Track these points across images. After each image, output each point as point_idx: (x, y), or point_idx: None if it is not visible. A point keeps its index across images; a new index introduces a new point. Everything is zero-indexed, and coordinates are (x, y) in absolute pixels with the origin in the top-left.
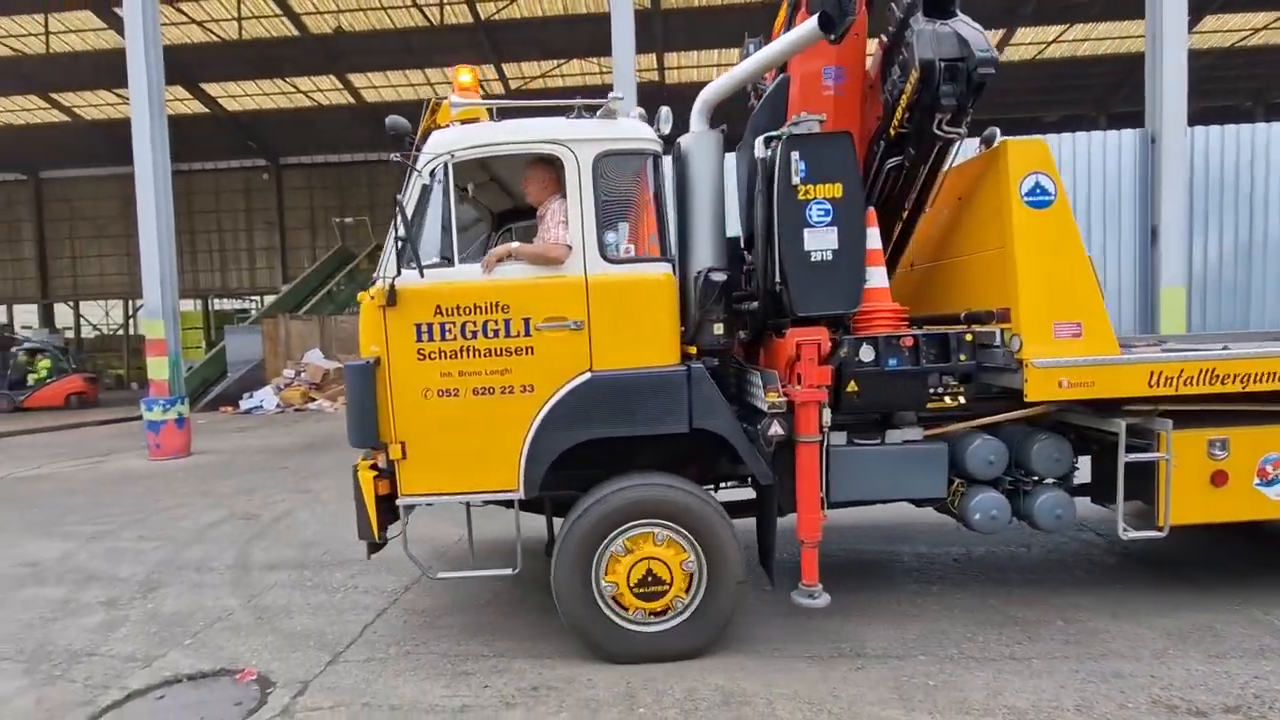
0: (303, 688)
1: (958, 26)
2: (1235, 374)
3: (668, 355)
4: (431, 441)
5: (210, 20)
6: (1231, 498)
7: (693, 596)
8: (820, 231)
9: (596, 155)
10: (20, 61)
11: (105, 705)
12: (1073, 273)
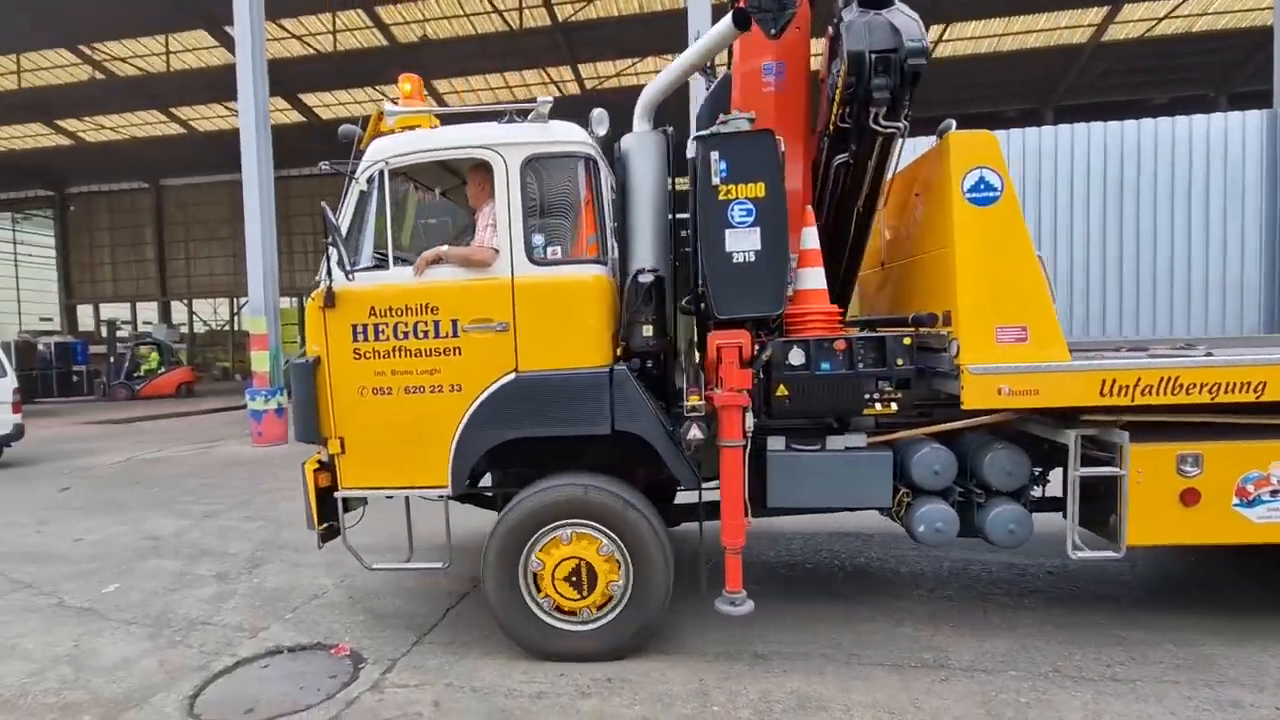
0: (391, 665)
1: (893, 15)
2: (1202, 384)
3: (594, 357)
4: (367, 438)
5: (309, 34)
6: (1205, 518)
7: (621, 595)
8: (742, 232)
9: (525, 159)
10: (144, 80)
11: (217, 670)
12: (1018, 273)
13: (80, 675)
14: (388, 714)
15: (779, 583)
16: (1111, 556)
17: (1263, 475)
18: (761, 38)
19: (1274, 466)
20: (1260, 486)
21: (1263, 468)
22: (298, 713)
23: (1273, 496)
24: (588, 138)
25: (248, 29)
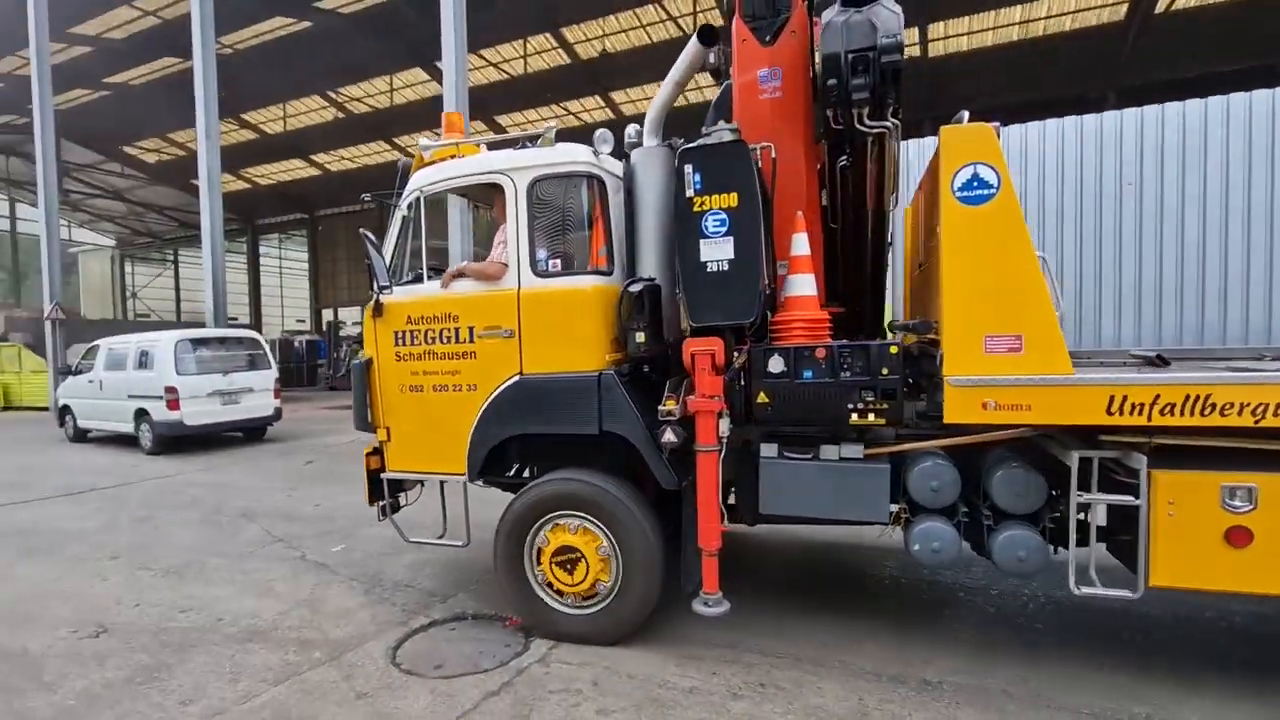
0: (557, 643)
1: (874, 12)
2: (1242, 403)
3: (589, 361)
4: (405, 429)
5: (503, 61)
6: (1262, 564)
7: (612, 583)
8: (716, 242)
9: (531, 180)
10: (373, 116)
11: (414, 628)
12: (1013, 277)
13: (314, 618)
14: (552, 686)
15: (954, 605)
16: (1126, 596)
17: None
18: (756, 46)
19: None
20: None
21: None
22: (477, 674)
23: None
24: (591, 157)
25: (453, 62)
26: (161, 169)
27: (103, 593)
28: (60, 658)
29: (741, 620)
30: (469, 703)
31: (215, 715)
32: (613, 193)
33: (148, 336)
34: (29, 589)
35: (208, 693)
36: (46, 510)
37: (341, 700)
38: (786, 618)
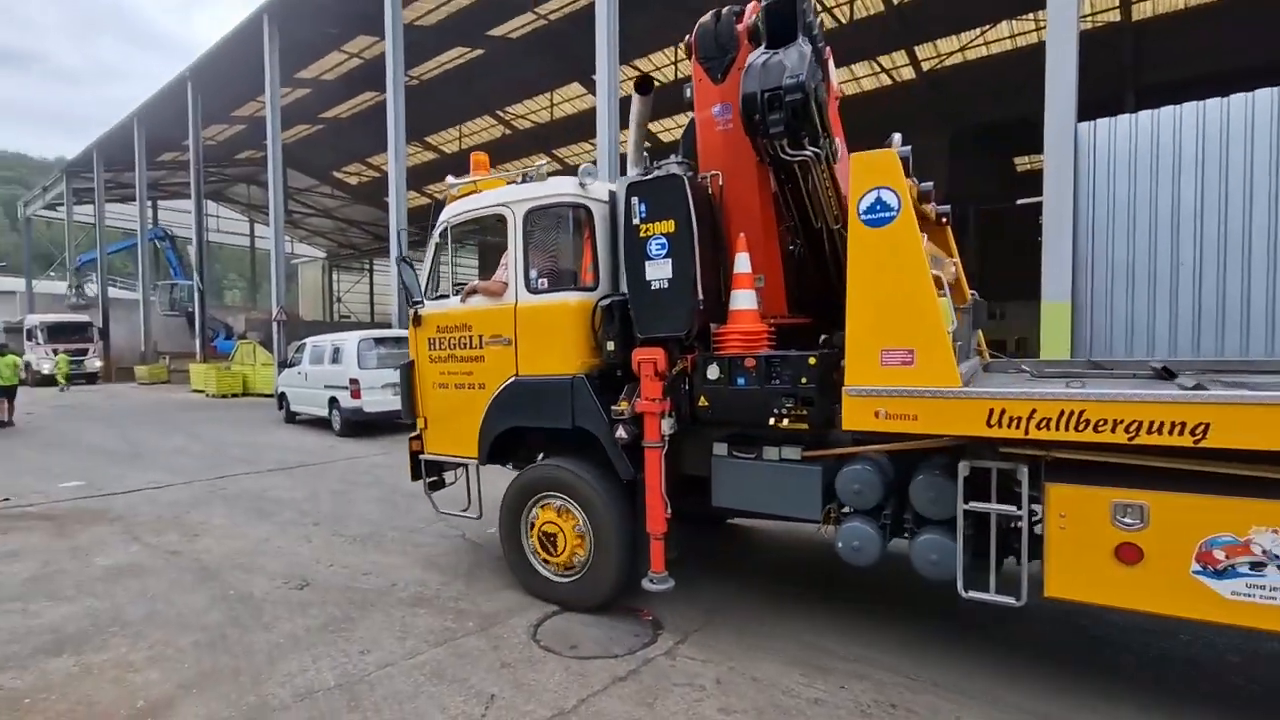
0: (684, 637)
1: (788, 53)
2: (1115, 420)
3: (569, 366)
4: (436, 419)
5: (654, 69)
6: (1151, 582)
7: (586, 557)
8: (658, 263)
9: (526, 211)
10: (536, 130)
11: (554, 610)
12: (909, 295)
13: (469, 591)
14: (676, 679)
15: (1114, 650)
16: (1008, 603)
17: (1239, 541)
18: (709, 84)
19: (1258, 531)
20: (1235, 554)
21: (1239, 531)
22: (607, 658)
23: (1255, 570)
24: (576, 189)
25: (605, 74)
26: (361, 189)
27: (306, 553)
28: (275, 603)
29: (873, 636)
30: (599, 684)
31: (387, 665)
32: (602, 218)
33: (340, 335)
34: (253, 545)
35: (382, 645)
36: (268, 481)
37: (489, 667)
38: (928, 640)
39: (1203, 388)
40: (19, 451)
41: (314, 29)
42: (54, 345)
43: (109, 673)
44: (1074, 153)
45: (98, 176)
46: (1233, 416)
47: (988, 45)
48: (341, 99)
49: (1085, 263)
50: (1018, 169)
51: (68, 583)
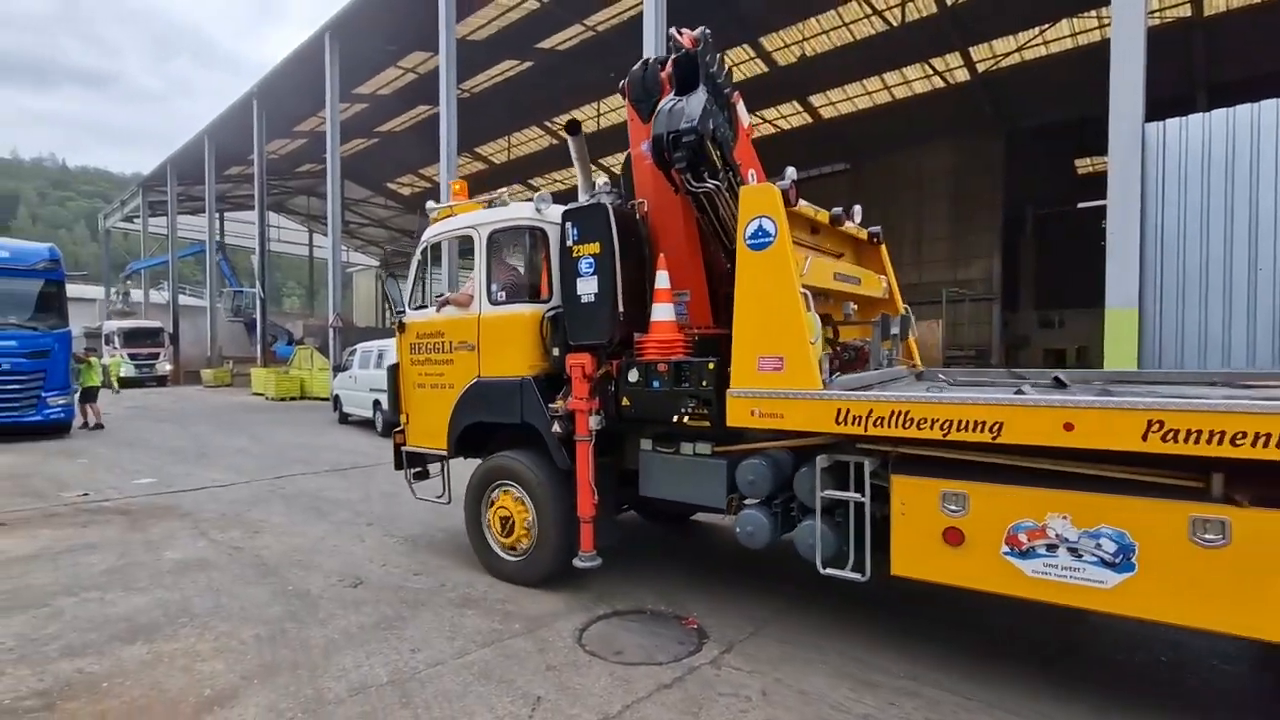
0: (729, 647)
1: (690, 99)
2: (932, 419)
3: (520, 369)
4: (416, 415)
5: None
6: (971, 561)
7: (532, 539)
8: (586, 279)
9: (489, 232)
10: None
11: (599, 614)
12: (781, 309)
13: (515, 594)
14: (721, 689)
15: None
16: (854, 579)
17: (1037, 526)
18: (639, 123)
19: (1052, 518)
20: (1035, 538)
21: (1038, 517)
22: (651, 665)
23: (1050, 551)
24: (532, 213)
25: None
26: (414, 200)
27: (360, 552)
28: (330, 600)
29: (925, 652)
30: (643, 691)
31: (437, 664)
32: (555, 240)
33: (386, 341)
34: (310, 543)
35: (432, 645)
36: (323, 481)
37: (535, 669)
38: (982, 659)
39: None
40: (96, 450)
41: (372, 46)
42: (130, 349)
43: (178, 661)
44: (1141, 154)
45: (170, 190)
46: (1017, 416)
47: (1047, 45)
48: (396, 113)
49: (1153, 269)
50: (1079, 171)
51: (141, 574)
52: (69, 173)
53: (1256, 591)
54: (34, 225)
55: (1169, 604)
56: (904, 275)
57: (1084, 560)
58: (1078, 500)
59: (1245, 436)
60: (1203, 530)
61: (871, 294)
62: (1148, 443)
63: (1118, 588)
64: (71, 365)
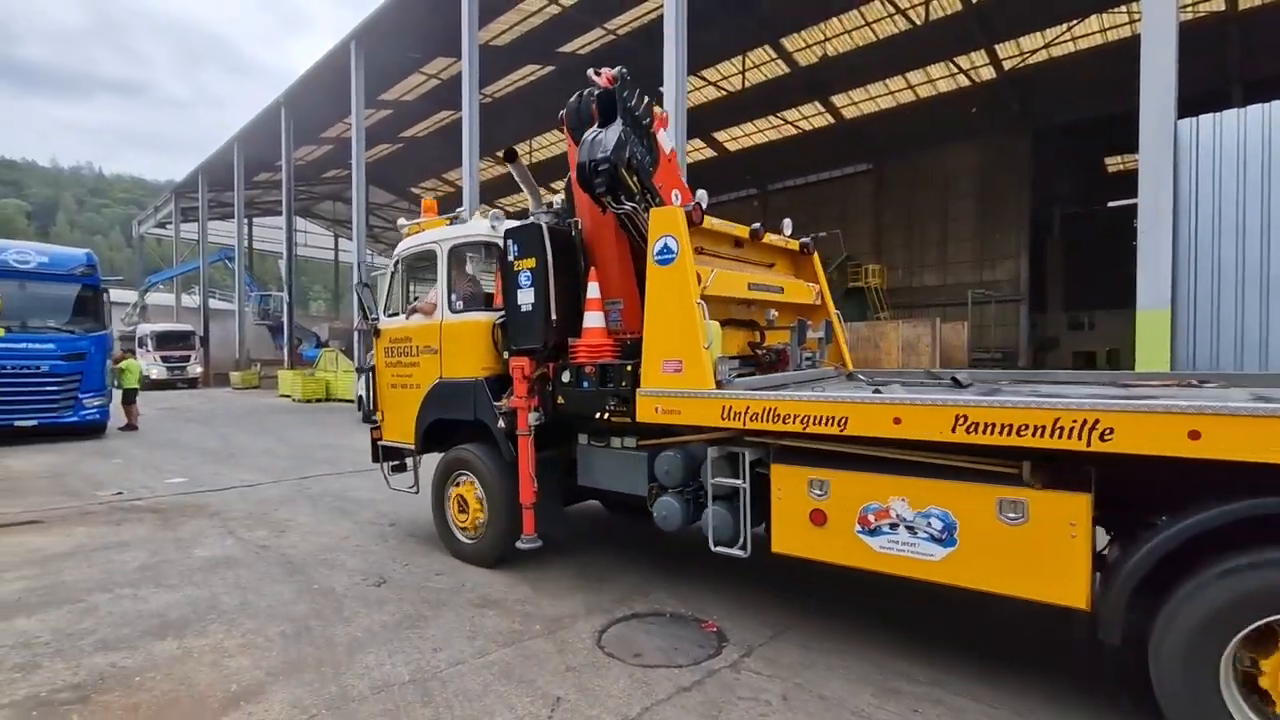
0: (749, 650)
1: (609, 131)
2: (793, 414)
3: (475, 371)
4: (389, 411)
5: (722, 79)
6: (832, 540)
7: (484, 522)
8: (525, 290)
9: (450, 247)
10: None
11: (618, 616)
12: (680, 318)
13: (535, 595)
14: (741, 693)
15: None
16: (738, 555)
17: (882, 507)
18: (575, 148)
19: (893, 500)
20: (880, 518)
21: (883, 500)
22: (671, 667)
23: (892, 529)
24: (488, 230)
25: (673, 85)
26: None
27: (383, 552)
28: (354, 599)
29: (949, 659)
30: (662, 694)
31: (457, 663)
32: None
33: None
34: (335, 542)
35: (452, 644)
36: (348, 481)
37: (555, 670)
38: (1008, 668)
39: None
40: (130, 450)
41: (397, 53)
42: (161, 352)
43: (206, 657)
44: (1173, 151)
45: (202, 196)
46: (857, 412)
47: (1075, 41)
48: (420, 118)
49: (1186, 268)
50: (1109, 169)
51: (172, 572)
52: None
53: (1048, 562)
54: (72, 231)
55: (983, 574)
56: (928, 277)
57: (918, 537)
58: (913, 485)
59: (1027, 429)
60: (1008, 510)
61: (801, 301)
62: (955, 434)
63: (944, 560)
64: (110, 367)
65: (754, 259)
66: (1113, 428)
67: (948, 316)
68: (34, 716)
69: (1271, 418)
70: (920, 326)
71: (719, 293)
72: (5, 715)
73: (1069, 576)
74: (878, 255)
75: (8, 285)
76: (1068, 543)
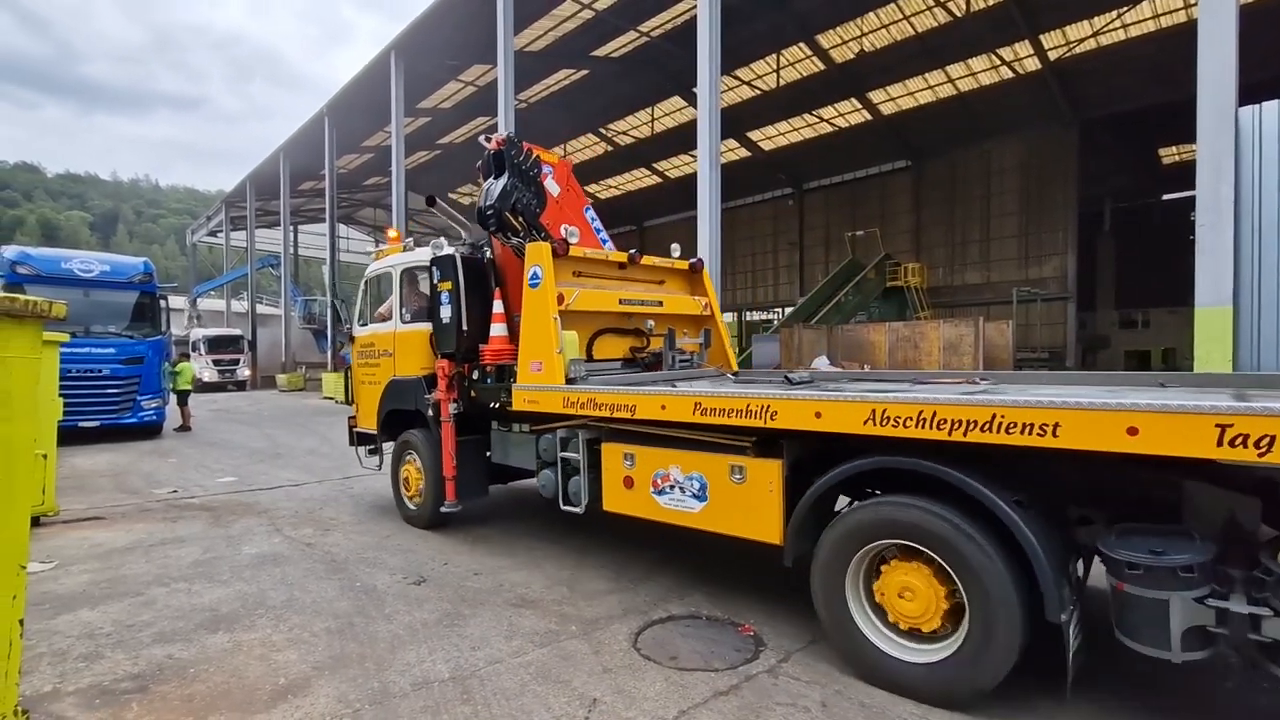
0: (787, 655)
1: (495, 184)
2: (605, 403)
3: (418, 370)
4: (360, 404)
5: (756, 78)
6: (637, 499)
7: (423, 491)
8: (445, 307)
9: (401, 270)
10: (636, 146)
11: (654, 618)
12: (543, 329)
13: (572, 595)
14: (779, 698)
15: None
16: (576, 511)
17: (665, 473)
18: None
19: (672, 468)
20: (664, 481)
21: (666, 468)
22: (707, 671)
23: (671, 489)
24: (430, 256)
25: (707, 86)
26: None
27: (423, 551)
28: (395, 597)
29: None
30: (699, 697)
31: (495, 662)
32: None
33: None
34: (377, 541)
35: (490, 643)
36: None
37: (591, 671)
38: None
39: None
40: (183, 450)
41: (434, 62)
42: (213, 356)
43: (255, 650)
44: (1234, 140)
45: (250, 205)
46: (642, 401)
47: (1125, 28)
48: (456, 125)
49: (1249, 263)
50: (1164, 161)
51: (223, 568)
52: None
53: (758, 511)
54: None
55: (725, 522)
56: (971, 275)
57: (686, 495)
58: (683, 456)
59: (732, 412)
60: (736, 473)
61: (685, 312)
62: (695, 416)
63: (701, 512)
64: (166, 369)
65: (642, 278)
66: (777, 411)
67: (992, 316)
68: (97, 704)
69: (858, 402)
70: (963, 326)
71: (585, 308)
72: (71, 702)
73: (770, 521)
74: (917, 254)
75: (72, 293)
76: (768, 496)
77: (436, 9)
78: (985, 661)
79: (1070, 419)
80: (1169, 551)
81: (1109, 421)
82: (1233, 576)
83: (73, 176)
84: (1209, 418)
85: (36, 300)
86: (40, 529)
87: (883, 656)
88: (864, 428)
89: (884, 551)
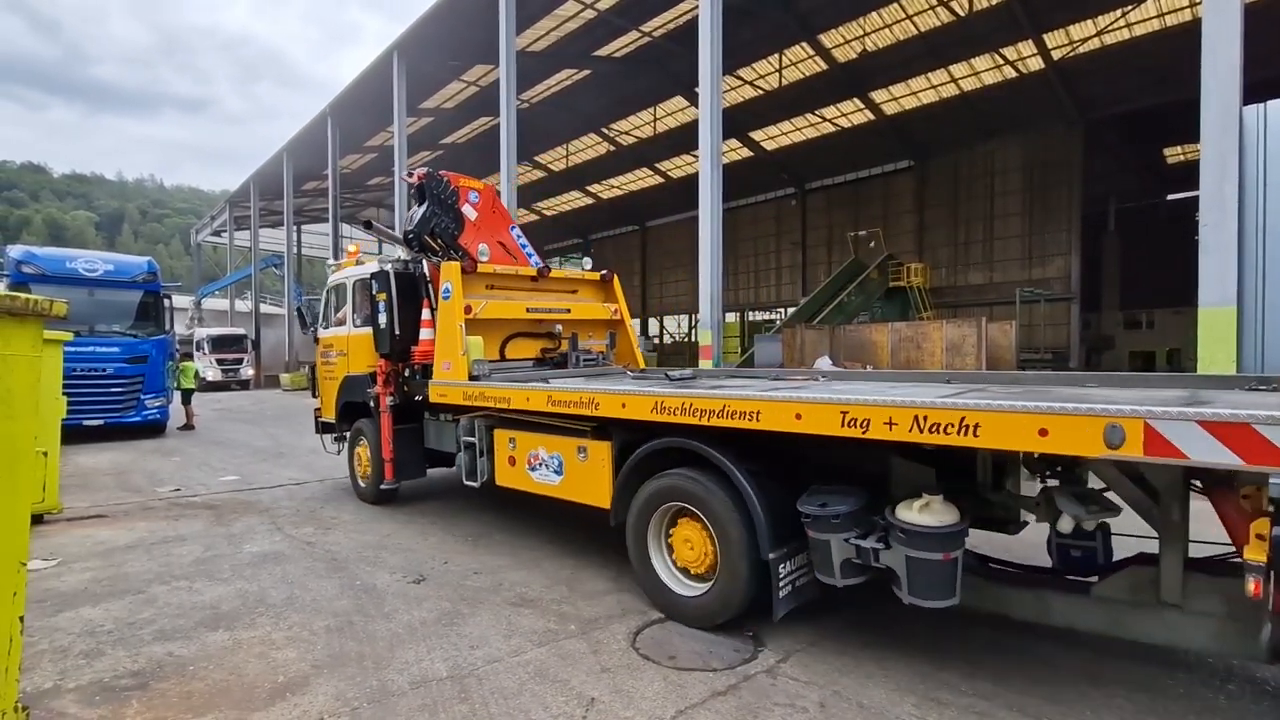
0: (786, 656)
1: (416, 211)
2: (490, 395)
3: (366, 368)
4: (323, 397)
5: (758, 78)
6: (518, 475)
7: (370, 471)
8: (381, 315)
9: (353, 281)
10: (638, 146)
11: (653, 618)
12: (452, 336)
13: (571, 595)
14: (777, 699)
15: None
16: (474, 486)
17: (536, 453)
18: None
19: (540, 449)
20: (535, 459)
21: (535, 449)
22: (706, 671)
23: (540, 466)
24: (376, 268)
25: (708, 86)
26: None
27: (423, 549)
28: (394, 595)
29: (999, 670)
30: (697, 697)
31: (494, 661)
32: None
33: None
34: (377, 540)
35: (489, 642)
36: None
37: (589, 670)
38: (1062, 680)
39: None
40: (187, 449)
41: (437, 62)
42: (217, 355)
43: (255, 648)
44: (1238, 139)
45: (254, 205)
46: (513, 394)
47: (1130, 27)
48: (459, 125)
49: (1254, 263)
50: (1168, 161)
51: (224, 566)
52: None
53: (595, 483)
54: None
55: (576, 492)
56: (974, 275)
57: (549, 471)
58: (547, 439)
59: (573, 403)
60: (580, 452)
61: (594, 317)
62: (549, 406)
63: (560, 484)
64: (170, 368)
65: (555, 289)
66: (599, 403)
67: (995, 316)
68: (97, 701)
69: (645, 395)
70: (965, 327)
71: (495, 316)
72: (72, 699)
73: (603, 490)
74: (920, 254)
75: (77, 292)
76: (602, 471)
77: (438, 9)
78: (730, 593)
79: (767, 409)
80: (830, 505)
81: (816, 411)
82: (874, 522)
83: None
84: (907, 410)
85: (37, 299)
86: (43, 526)
87: (671, 593)
88: (650, 414)
89: (677, 514)
